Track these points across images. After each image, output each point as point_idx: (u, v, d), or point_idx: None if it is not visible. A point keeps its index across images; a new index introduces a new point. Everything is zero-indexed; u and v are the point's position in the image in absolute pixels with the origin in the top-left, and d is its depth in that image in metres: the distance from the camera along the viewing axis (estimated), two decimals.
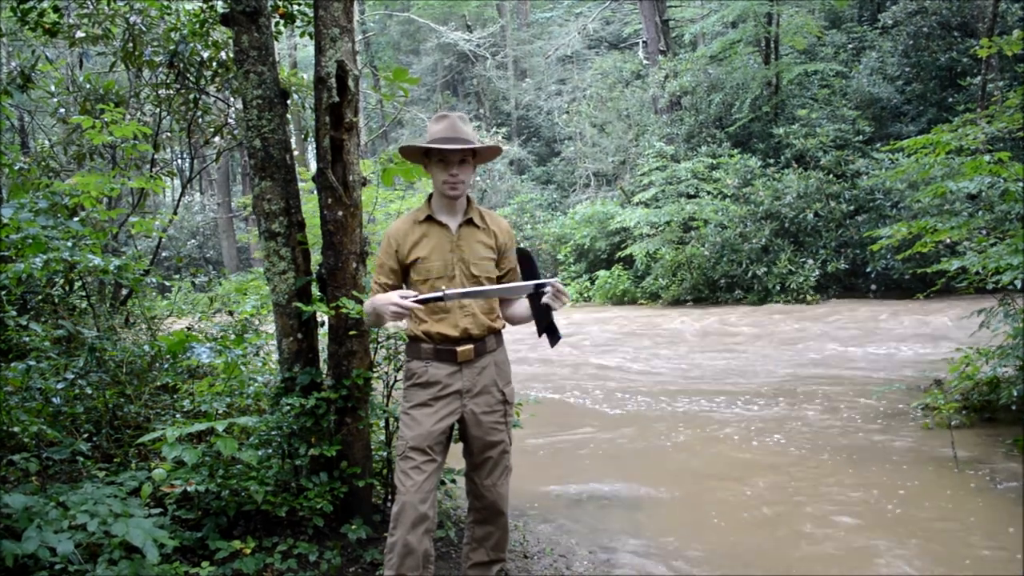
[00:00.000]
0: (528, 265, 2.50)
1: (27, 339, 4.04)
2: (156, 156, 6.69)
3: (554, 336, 2.50)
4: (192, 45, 5.54)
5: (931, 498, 4.10)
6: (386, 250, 2.60)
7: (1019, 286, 4.94)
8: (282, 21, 5.07)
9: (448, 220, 2.60)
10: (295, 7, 5.19)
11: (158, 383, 4.17)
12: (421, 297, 2.40)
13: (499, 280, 2.69)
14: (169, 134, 6.86)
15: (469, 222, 2.61)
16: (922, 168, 6.37)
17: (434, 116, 2.63)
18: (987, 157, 5.52)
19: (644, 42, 21.65)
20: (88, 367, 3.76)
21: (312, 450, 3.16)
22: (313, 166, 3.46)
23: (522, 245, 2.74)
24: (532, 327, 2.54)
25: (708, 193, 15.73)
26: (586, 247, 18.58)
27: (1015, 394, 5.00)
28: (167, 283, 5.89)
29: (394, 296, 2.40)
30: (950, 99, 15.12)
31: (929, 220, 5.92)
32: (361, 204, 3.25)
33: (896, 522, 3.78)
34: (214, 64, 5.73)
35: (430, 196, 2.65)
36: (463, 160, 2.54)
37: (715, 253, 15.03)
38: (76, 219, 4.30)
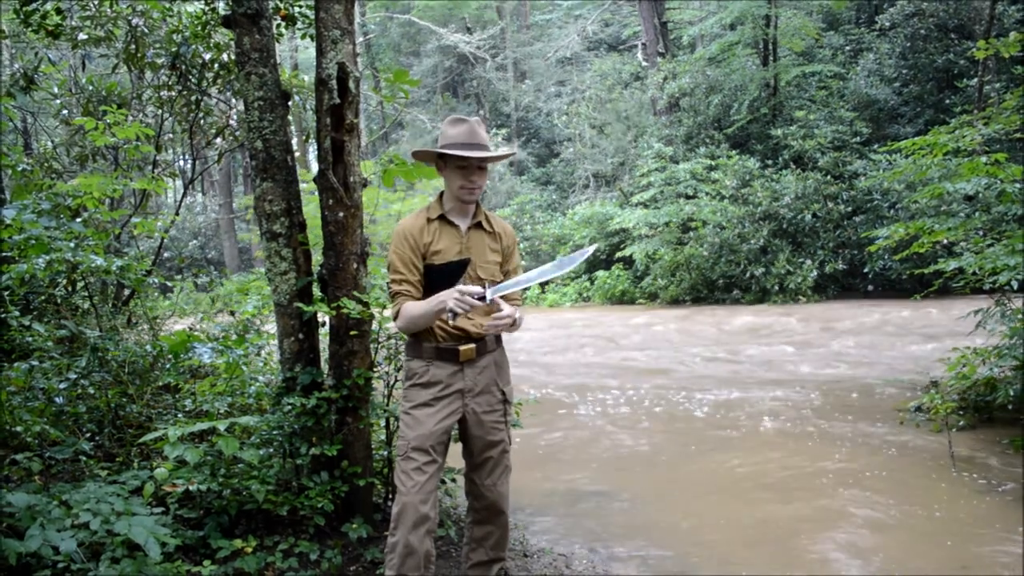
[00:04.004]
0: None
1: (30, 339, 4.06)
2: (158, 157, 6.71)
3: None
4: (194, 47, 5.56)
5: (929, 498, 4.12)
6: (404, 247, 2.53)
7: (1015, 287, 4.97)
8: (283, 23, 5.09)
9: (459, 221, 2.61)
10: (296, 9, 5.21)
11: (160, 383, 4.18)
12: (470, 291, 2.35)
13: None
14: (171, 135, 6.88)
15: (478, 225, 2.63)
16: (919, 169, 6.41)
17: (449, 119, 2.61)
18: (984, 158, 5.55)
19: (643, 44, 21.67)
20: (90, 367, 3.77)
21: (313, 449, 3.17)
22: (314, 167, 3.48)
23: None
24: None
25: (707, 194, 15.77)
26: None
27: (1012, 394, 5.02)
28: (169, 283, 5.90)
29: (455, 292, 2.34)
30: (947, 101, 15.15)
31: (926, 221, 5.94)
32: (362, 205, 3.27)
33: (894, 522, 3.80)
34: (216, 66, 5.76)
35: (440, 195, 2.65)
36: (480, 166, 2.55)
37: (713, 254, 15.06)
38: (79, 220, 4.33)
